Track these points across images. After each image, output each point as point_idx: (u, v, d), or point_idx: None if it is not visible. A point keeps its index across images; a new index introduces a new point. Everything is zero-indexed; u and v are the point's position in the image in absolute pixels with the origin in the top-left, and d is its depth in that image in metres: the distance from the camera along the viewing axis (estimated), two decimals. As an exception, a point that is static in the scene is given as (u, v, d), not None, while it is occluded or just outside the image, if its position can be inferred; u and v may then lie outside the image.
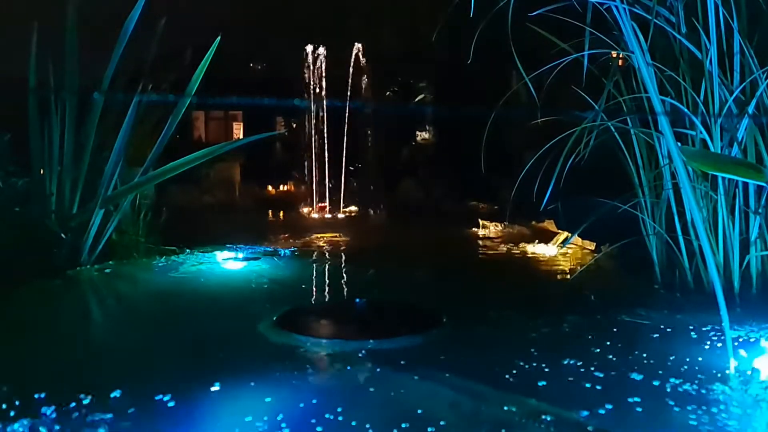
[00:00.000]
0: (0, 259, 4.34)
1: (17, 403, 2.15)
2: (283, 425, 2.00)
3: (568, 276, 4.70)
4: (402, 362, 2.64)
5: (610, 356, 2.67)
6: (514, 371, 2.52)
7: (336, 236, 7.24)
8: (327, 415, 2.07)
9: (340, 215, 10.34)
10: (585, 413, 2.08)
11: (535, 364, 2.59)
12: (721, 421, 2.03)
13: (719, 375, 2.43)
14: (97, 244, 5.02)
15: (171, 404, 2.16)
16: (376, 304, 3.68)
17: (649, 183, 4.11)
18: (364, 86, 11.24)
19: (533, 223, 6.92)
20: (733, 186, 3.58)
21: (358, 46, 11.23)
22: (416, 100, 14.77)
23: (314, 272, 5.12)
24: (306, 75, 11.11)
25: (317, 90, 11.15)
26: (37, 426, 1.99)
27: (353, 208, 10.69)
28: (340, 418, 2.05)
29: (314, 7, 12.97)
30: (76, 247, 4.90)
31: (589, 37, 3.74)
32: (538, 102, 3.88)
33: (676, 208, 3.87)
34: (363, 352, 2.79)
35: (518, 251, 5.78)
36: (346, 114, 11.06)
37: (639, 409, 2.12)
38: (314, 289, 4.57)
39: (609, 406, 2.14)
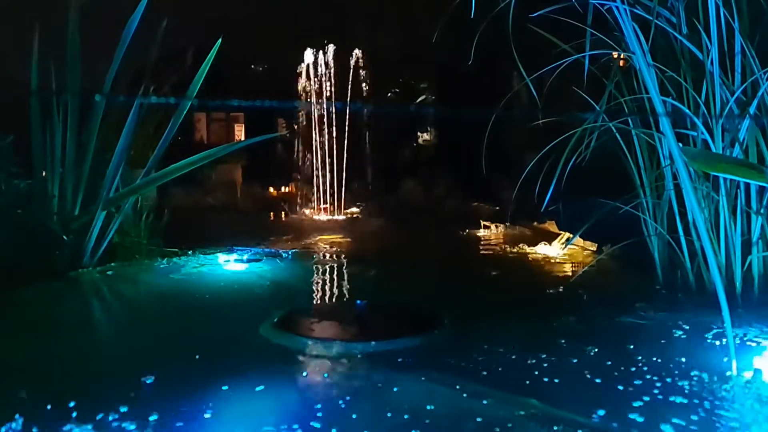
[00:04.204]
0: (2, 260, 4.35)
1: (16, 404, 2.15)
2: (284, 427, 2.00)
3: (570, 277, 4.70)
4: (403, 364, 2.64)
5: (612, 357, 2.67)
6: (515, 372, 2.52)
7: (337, 238, 7.24)
8: (328, 417, 2.07)
9: (342, 216, 10.35)
10: (586, 414, 2.08)
11: (535, 365, 2.58)
12: (723, 421, 2.03)
13: (721, 375, 2.43)
14: (99, 246, 5.02)
15: (173, 405, 2.16)
16: (377, 305, 3.67)
17: (651, 183, 4.11)
18: (365, 87, 11.24)
19: (535, 224, 6.92)
20: (734, 186, 3.58)
21: (359, 47, 11.24)
22: (417, 101, 14.78)
23: (315, 274, 5.12)
24: (307, 76, 11.12)
25: (318, 91, 11.16)
26: (35, 428, 2.00)
27: (355, 209, 10.69)
28: (340, 420, 2.05)
29: (315, 8, 12.98)
30: (78, 249, 4.91)
31: (590, 37, 3.74)
32: (539, 103, 3.88)
33: (677, 208, 3.86)
34: (364, 353, 2.80)
35: (519, 252, 5.78)
36: (347, 115, 11.07)
37: (640, 410, 2.12)
38: (315, 290, 4.57)
39: (610, 407, 2.14)
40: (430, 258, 5.88)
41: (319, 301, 4.18)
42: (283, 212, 10.02)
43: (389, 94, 14.80)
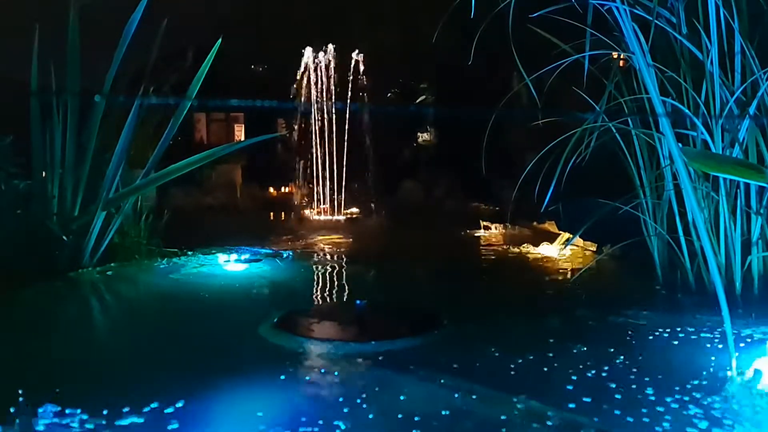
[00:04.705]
0: (2, 260, 4.35)
1: (14, 405, 2.15)
2: (283, 427, 2.00)
3: (570, 277, 4.70)
4: (402, 364, 2.64)
5: (612, 357, 2.67)
6: (515, 373, 2.52)
7: (337, 238, 7.24)
8: (327, 417, 2.07)
9: (342, 217, 10.34)
10: (586, 413, 2.08)
11: (535, 366, 2.58)
12: (723, 422, 2.03)
13: (721, 376, 2.43)
14: (99, 246, 5.02)
15: (172, 407, 2.16)
16: (377, 305, 3.67)
17: (651, 184, 4.11)
18: (365, 87, 11.24)
19: (534, 224, 6.91)
20: (734, 187, 3.58)
21: (359, 47, 11.24)
22: (417, 101, 14.77)
23: (315, 274, 5.12)
24: (307, 76, 11.12)
25: (318, 91, 11.15)
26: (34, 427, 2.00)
27: (354, 209, 10.69)
28: (340, 420, 2.05)
29: (315, 7, 12.98)
30: (78, 249, 4.91)
31: (590, 38, 3.73)
32: (539, 103, 3.87)
33: (677, 208, 3.86)
34: (364, 353, 2.79)
35: (519, 252, 5.78)
36: (347, 115, 11.07)
37: (640, 410, 2.12)
38: (315, 290, 4.57)
39: (610, 407, 2.14)
40: (429, 258, 5.88)
41: (318, 302, 4.18)
42: (282, 212, 10.02)
43: (389, 94, 14.79)
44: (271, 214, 10.05)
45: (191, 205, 9.85)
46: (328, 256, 5.98)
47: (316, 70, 11.13)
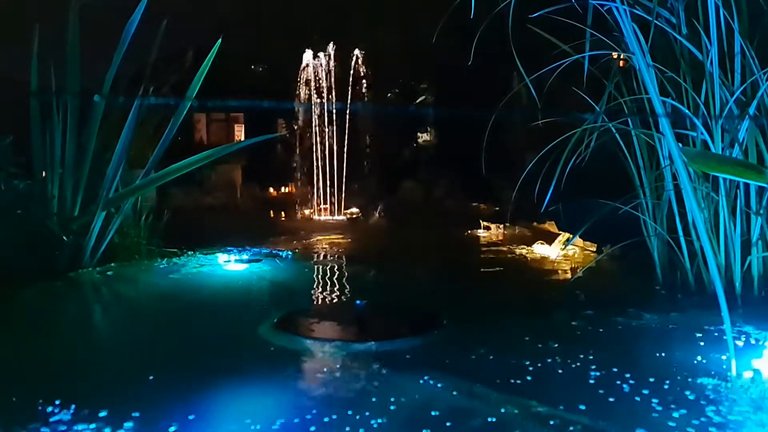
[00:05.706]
0: (2, 260, 4.35)
1: (13, 405, 2.15)
2: (283, 428, 2.00)
3: (569, 277, 4.70)
4: (403, 364, 2.64)
5: (612, 357, 2.66)
6: (514, 373, 2.51)
7: (337, 238, 7.24)
8: (327, 418, 2.07)
9: (342, 217, 10.35)
10: (585, 414, 2.08)
11: (535, 366, 2.58)
12: (723, 422, 2.03)
13: (721, 376, 2.43)
14: (99, 247, 5.03)
15: (172, 408, 2.16)
16: (377, 305, 3.67)
17: (650, 184, 4.11)
18: (365, 88, 11.24)
19: (534, 224, 6.92)
20: (734, 187, 3.58)
21: (359, 47, 11.25)
22: (417, 101, 14.77)
23: (315, 274, 5.13)
24: (307, 77, 11.12)
25: (318, 92, 11.16)
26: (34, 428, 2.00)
27: (354, 209, 10.69)
28: (340, 420, 2.05)
29: (315, 8, 12.98)
30: (78, 249, 4.91)
31: (590, 38, 3.74)
32: (539, 103, 3.88)
33: (677, 209, 3.87)
34: (364, 353, 2.80)
35: (519, 252, 5.78)
36: (347, 115, 11.07)
37: (640, 411, 2.12)
38: (315, 290, 4.57)
39: (610, 408, 2.14)
40: (429, 258, 5.88)
41: (318, 302, 4.18)
42: (282, 212, 10.03)
43: (389, 94, 14.79)
44: (271, 214, 10.04)
45: (191, 205, 9.85)
46: (328, 256, 5.98)
47: (316, 70, 11.14)
